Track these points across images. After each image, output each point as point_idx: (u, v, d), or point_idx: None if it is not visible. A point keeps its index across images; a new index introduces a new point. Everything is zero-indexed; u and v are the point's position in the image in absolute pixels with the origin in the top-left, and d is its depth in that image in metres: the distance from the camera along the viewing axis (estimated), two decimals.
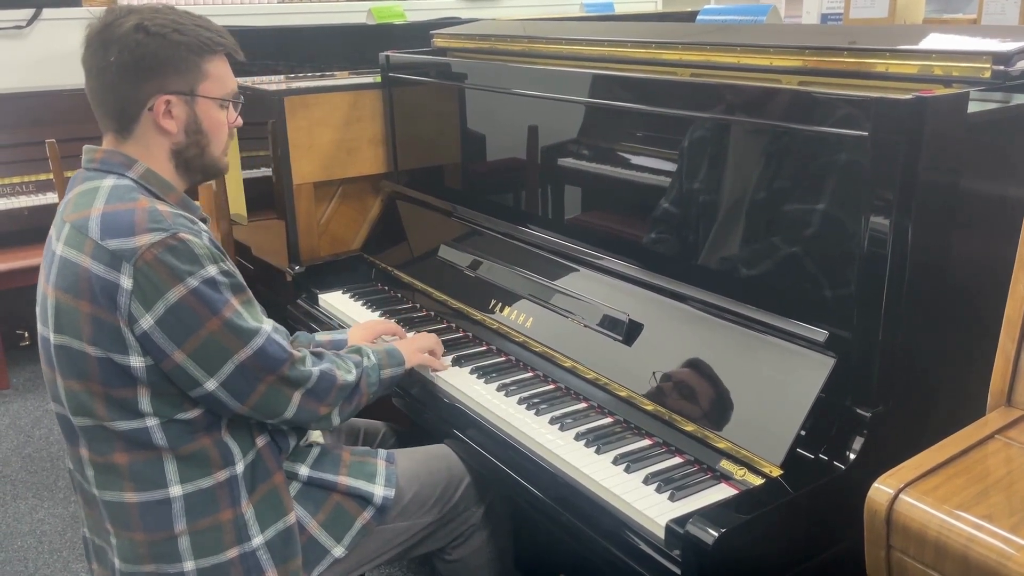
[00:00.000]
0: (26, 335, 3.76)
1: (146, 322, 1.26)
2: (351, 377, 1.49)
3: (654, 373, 1.51)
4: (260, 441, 1.43)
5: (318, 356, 1.49)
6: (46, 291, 1.33)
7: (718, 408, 1.39)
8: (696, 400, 1.43)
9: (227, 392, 1.33)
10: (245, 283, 1.38)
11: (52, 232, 1.37)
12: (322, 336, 1.80)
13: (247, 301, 1.36)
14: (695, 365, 1.47)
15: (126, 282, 1.25)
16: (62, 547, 2.49)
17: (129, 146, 1.38)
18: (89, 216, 1.29)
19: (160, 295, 1.26)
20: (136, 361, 1.28)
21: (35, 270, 3.76)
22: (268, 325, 1.37)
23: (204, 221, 1.42)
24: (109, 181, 1.34)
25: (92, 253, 1.27)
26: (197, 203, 1.45)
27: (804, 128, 1.34)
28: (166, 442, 1.33)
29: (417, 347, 1.72)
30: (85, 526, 1.48)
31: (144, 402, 1.30)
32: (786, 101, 1.38)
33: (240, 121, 1.49)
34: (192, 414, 1.34)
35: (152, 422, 1.31)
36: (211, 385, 1.31)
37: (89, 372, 1.29)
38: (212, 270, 1.30)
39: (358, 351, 1.59)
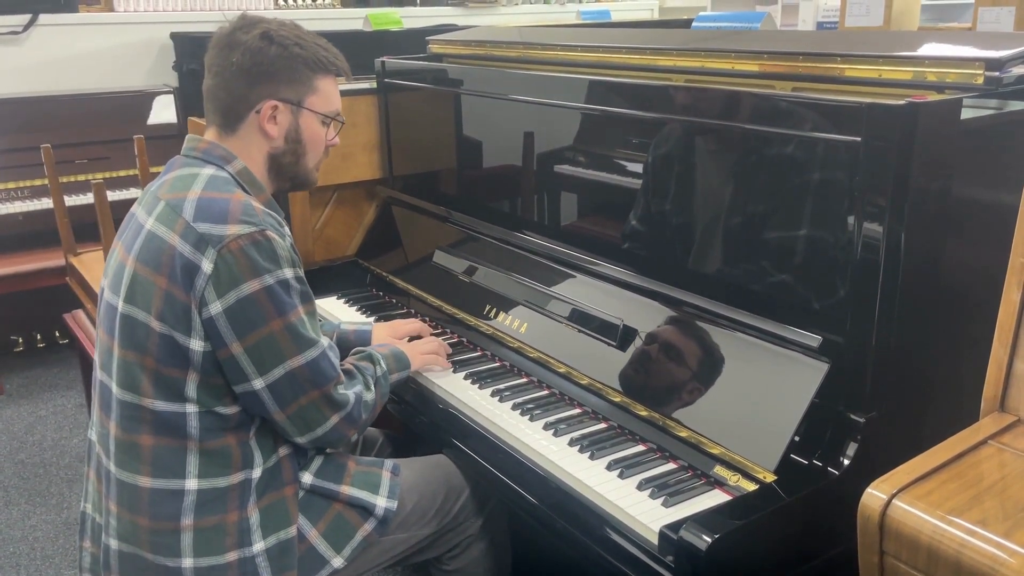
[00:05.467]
0: (20, 341, 3.74)
1: (215, 308, 1.30)
2: (371, 396, 1.51)
3: (648, 379, 1.51)
4: (283, 450, 1.44)
5: (348, 374, 1.50)
6: (124, 260, 1.37)
7: (712, 414, 1.39)
8: (690, 406, 1.43)
9: (271, 395, 1.35)
10: (313, 295, 1.41)
11: (139, 209, 1.43)
12: (347, 326, 1.82)
13: (311, 313, 1.40)
14: (689, 370, 1.47)
15: (207, 266, 1.29)
16: (54, 554, 2.48)
17: (231, 142, 1.45)
18: (186, 198, 1.35)
19: (235, 285, 1.30)
20: (196, 344, 1.31)
21: (31, 275, 3.74)
22: (325, 341, 1.40)
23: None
24: (208, 170, 1.40)
25: (182, 232, 1.32)
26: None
27: (797, 133, 1.34)
28: (197, 432, 1.35)
29: (421, 350, 1.74)
30: (88, 501, 1.48)
31: (191, 387, 1.33)
32: (779, 106, 1.38)
33: (337, 141, 1.56)
34: (230, 410, 1.36)
35: (191, 408, 1.34)
36: (258, 384, 1.33)
37: (148, 346, 1.32)
38: (288, 273, 1.34)
39: (369, 358, 1.59)
